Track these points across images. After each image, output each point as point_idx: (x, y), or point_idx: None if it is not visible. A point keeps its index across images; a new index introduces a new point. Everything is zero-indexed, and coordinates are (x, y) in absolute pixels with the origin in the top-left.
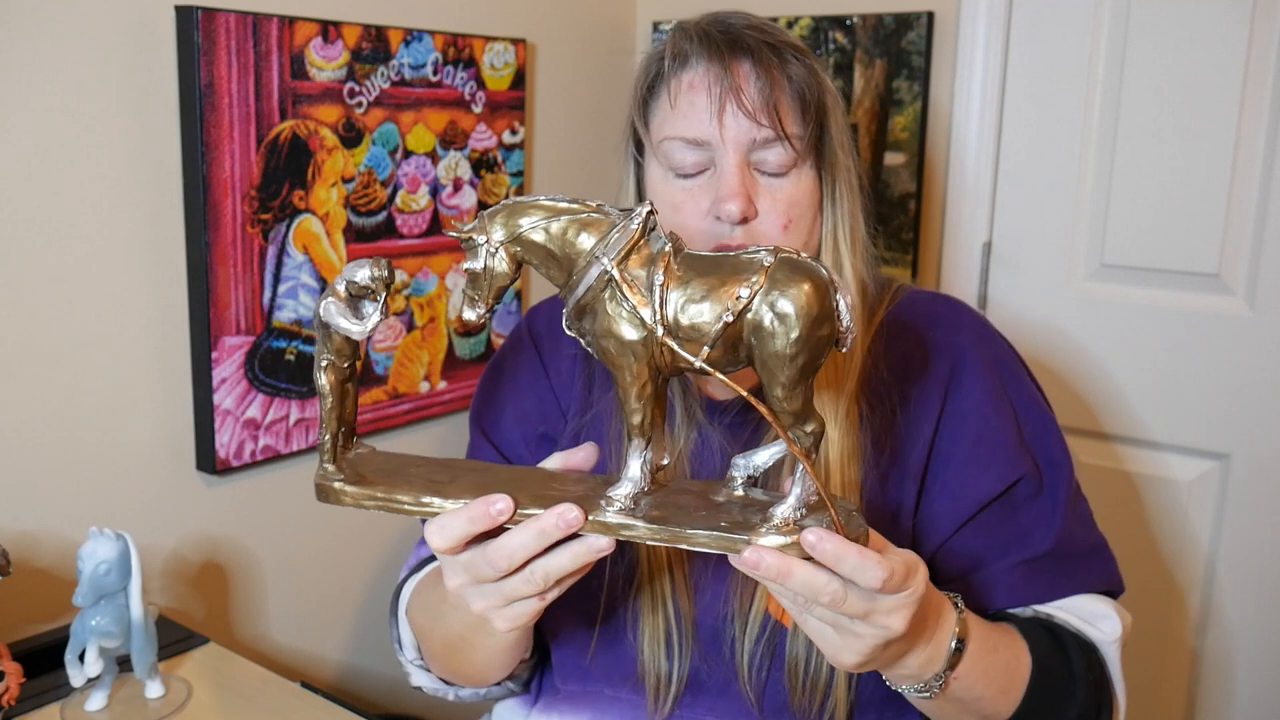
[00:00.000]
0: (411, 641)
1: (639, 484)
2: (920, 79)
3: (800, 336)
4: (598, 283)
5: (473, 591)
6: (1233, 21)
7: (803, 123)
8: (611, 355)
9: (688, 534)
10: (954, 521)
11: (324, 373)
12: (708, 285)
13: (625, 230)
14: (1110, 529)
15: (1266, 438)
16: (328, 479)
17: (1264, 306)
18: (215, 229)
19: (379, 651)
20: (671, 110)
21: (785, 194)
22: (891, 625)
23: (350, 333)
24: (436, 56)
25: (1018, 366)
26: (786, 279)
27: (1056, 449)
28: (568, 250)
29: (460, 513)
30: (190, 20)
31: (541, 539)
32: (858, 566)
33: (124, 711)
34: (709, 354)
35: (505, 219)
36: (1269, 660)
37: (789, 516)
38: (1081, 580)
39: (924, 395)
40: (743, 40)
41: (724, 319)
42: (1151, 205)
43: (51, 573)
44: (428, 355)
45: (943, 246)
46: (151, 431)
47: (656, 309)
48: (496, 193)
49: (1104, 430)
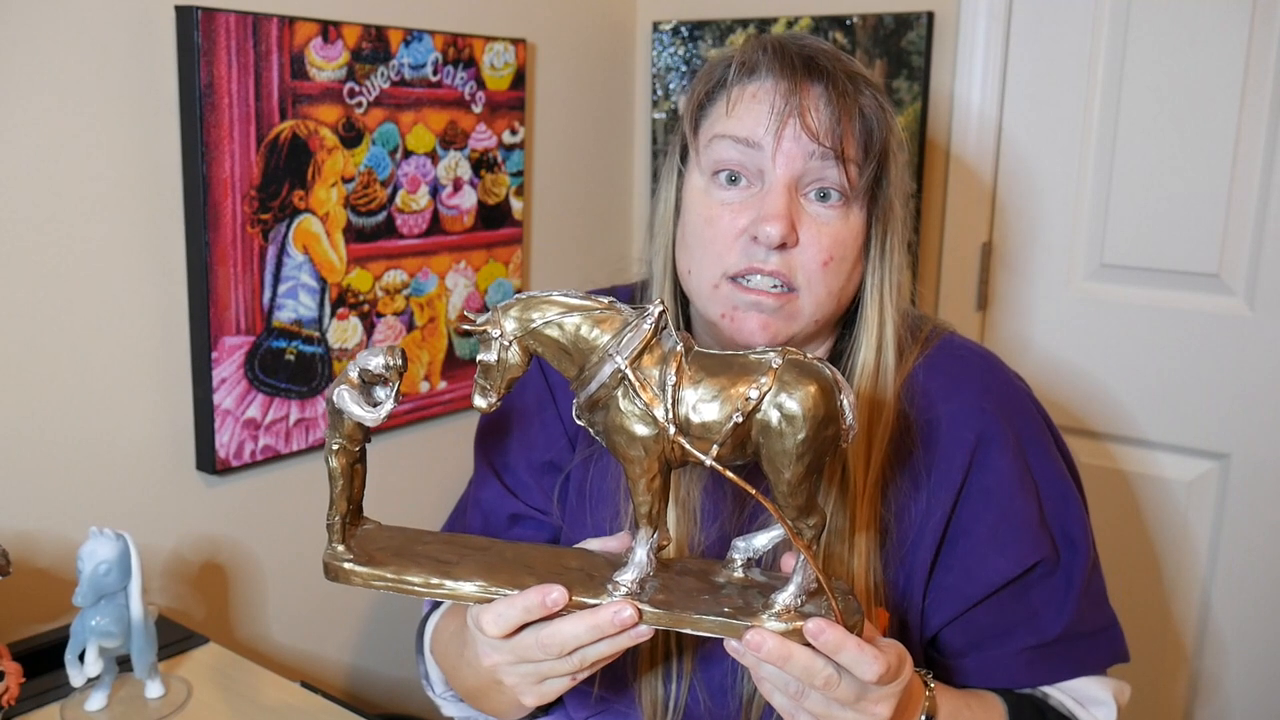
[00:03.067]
0: (439, 677)
1: (644, 569)
2: (920, 79)
3: (807, 437)
4: (611, 380)
5: (508, 669)
6: (1233, 21)
7: (864, 157)
8: (622, 449)
9: (693, 619)
10: (965, 600)
11: (335, 456)
12: (718, 385)
13: (638, 330)
14: (1109, 529)
15: (1266, 438)
16: (337, 559)
17: (1264, 306)
18: (215, 229)
19: (380, 651)
20: (727, 115)
21: (831, 229)
22: (879, 713)
23: (364, 419)
24: (436, 56)
25: (1043, 434)
26: (794, 381)
27: (1076, 529)
28: (580, 346)
29: (516, 602)
30: (190, 20)
31: (595, 633)
32: (856, 659)
33: (124, 711)
34: (718, 452)
35: (519, 313)
36: (1268, 660)
37: (790, 604)
38: (1086, 662)
39: (947, 462)
40: (819, 62)
41: (734, 419)
42: (1151, 205)
43: (51, 573)
44: (428, 355)
45: (943, 246)
46: (151, 431)
47: (669, 408)
48: (496, 193)
49: (1103, 430)
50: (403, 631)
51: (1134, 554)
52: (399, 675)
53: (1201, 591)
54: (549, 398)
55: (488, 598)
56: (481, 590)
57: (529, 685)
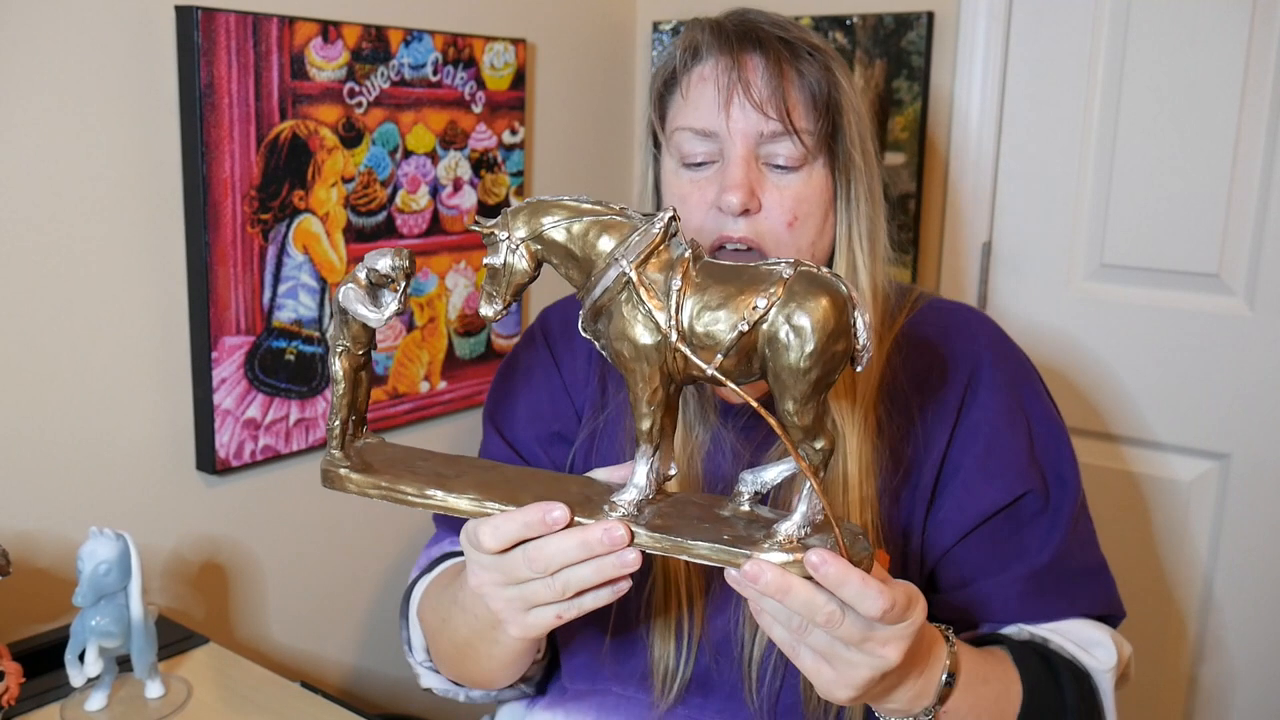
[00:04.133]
0: (421, 643)
1: (644, 491)
2: (920, 79)
3: (815, 351)
4: (615, 285)
5: (495, 591)
6: (1233, 21)
7: (813, 118)
8: (625, 359)
9: (689, 544)
10: (958, 531)
11: (339, 359)
12: (725, 294)
13: (646, 234)
14: (1110, 529)
15: (1266, 438)
16: (334, 465)
17: (1264, 306)
18: (215, 229)
19: (380, 651)
20: (684, 102)
21: (793, 190)
22: (887, 656)
23: (368, 320)
24: (436, 56)
25: (1035, 379)
26: (805, 292)
27: (1066, 466)
28: (588, 251)
29: (515, 516)
30: (190, 20)
31: (583, 550)
32: (860, 593)
33: (124, 711)
34: (722, 362)
35: (528, 216)
36: (1269, 660)
37: (793, 534)
38: (1080, 602)
39: (940, 406)
40: (754, 34)
41: (739, 328)
42: (1151, 205)
43: (51, 573)
44: (428, 355)
45: (943, 246)
46: (151, 431)
47: (672, 314)
48: (496, 193)
49: (1104, 430)
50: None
51: (1135, 554)
52: (399, 675)
53: (1202, 591)
54: (554, 369)
55: (482, 512)
56: (475, 504)
57: (515, 612)
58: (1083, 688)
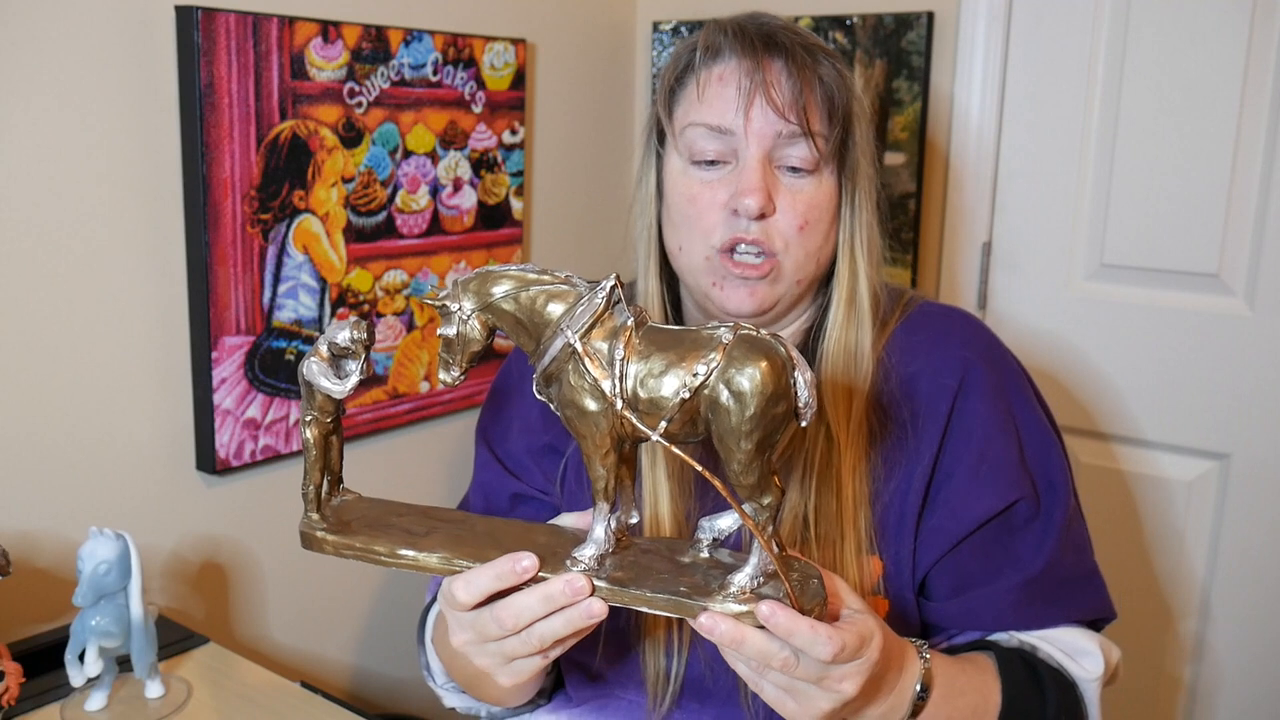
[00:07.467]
0: (440, 668)
1: (603, 546)
2: (920, 79)
3: (755, 414)
4: (562, 354)
5: (476, 650)
6: (1233, 21)
7: (829, 125)
8: (575, 424)
9: (647, 597)
10: (951, 538)
11: (309, 428)
12: (667, 360)
13: (590, 304)
14: (1109, 529)
15: (1266, 438)
16: (312, 528)
17: (1264, 306)
18: (215, 229)
19: (380, 651)
20: (699, 100)
21: (805, 195)
22: (844, 690)
23: (332, 392)
24: (436, 56)
25: (1025, 386)
26: (743, 357)
27: (1057, 472)
28: (536, 320)
29: (486, 569)
30: (190, 20)
31: (547, 604)
32: (810, 640)
33: (124, 711)
34: (667, 427)
35: (477, 288)
36: (1268, 660)
37: (745, 585)
38: (1070, 609)
39: (931, 410)
40: (777, 39)
41: (681, 395)
42: (1151, 205)
43: (51, 573)
44: (427, 355)
45: (942, 246)
46: (151, 431)
47: (616, 382)
48: (496, 193)
49: (1103, 430)
50: (403, 631)
51: (1134, 554)
52: (399, 675)
53: (1201, 591)
54: None
55: (451, 570)
56: (444, 562)
57: (499, 666)
58: (1067, 698)
